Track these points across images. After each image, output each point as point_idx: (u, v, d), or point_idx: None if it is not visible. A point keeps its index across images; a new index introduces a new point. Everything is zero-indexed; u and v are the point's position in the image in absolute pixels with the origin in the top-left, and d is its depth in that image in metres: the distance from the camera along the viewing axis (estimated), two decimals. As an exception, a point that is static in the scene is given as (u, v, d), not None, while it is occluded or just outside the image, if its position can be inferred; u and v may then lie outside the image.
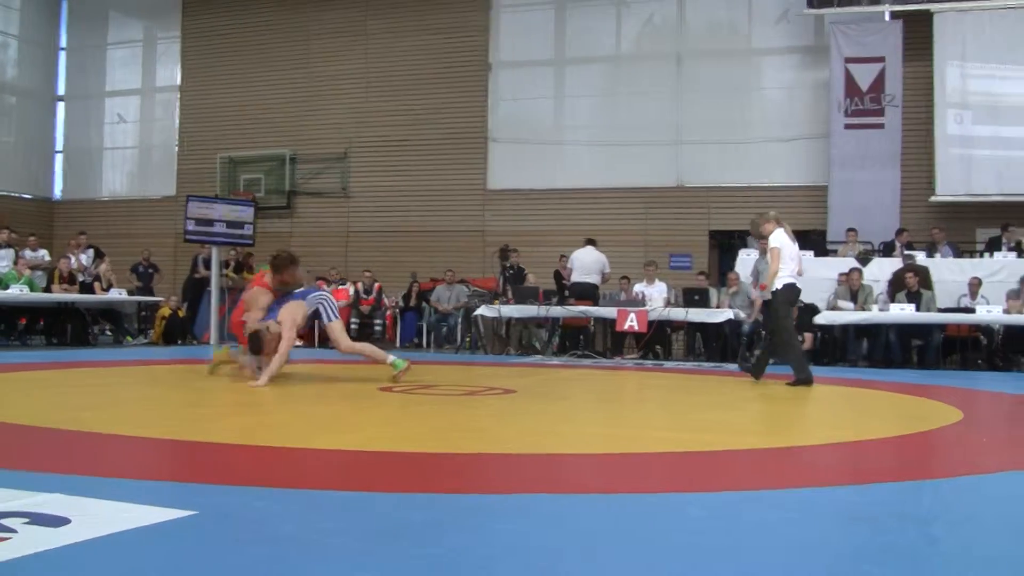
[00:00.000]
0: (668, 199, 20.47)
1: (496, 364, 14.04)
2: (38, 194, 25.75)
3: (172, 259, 23.04)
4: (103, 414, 6.78)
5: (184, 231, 18.54)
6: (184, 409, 7.35)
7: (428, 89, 22.27)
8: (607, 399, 9.36)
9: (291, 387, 9.13)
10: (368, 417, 6.93)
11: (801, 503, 4.03)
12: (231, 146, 23.78)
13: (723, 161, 20.18)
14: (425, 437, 5.85)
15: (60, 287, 16.73)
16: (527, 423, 6.75)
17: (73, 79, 26.16)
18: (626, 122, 20.83)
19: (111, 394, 8.55)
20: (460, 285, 19.00)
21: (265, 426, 6.39)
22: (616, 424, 6.98)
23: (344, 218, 22.98)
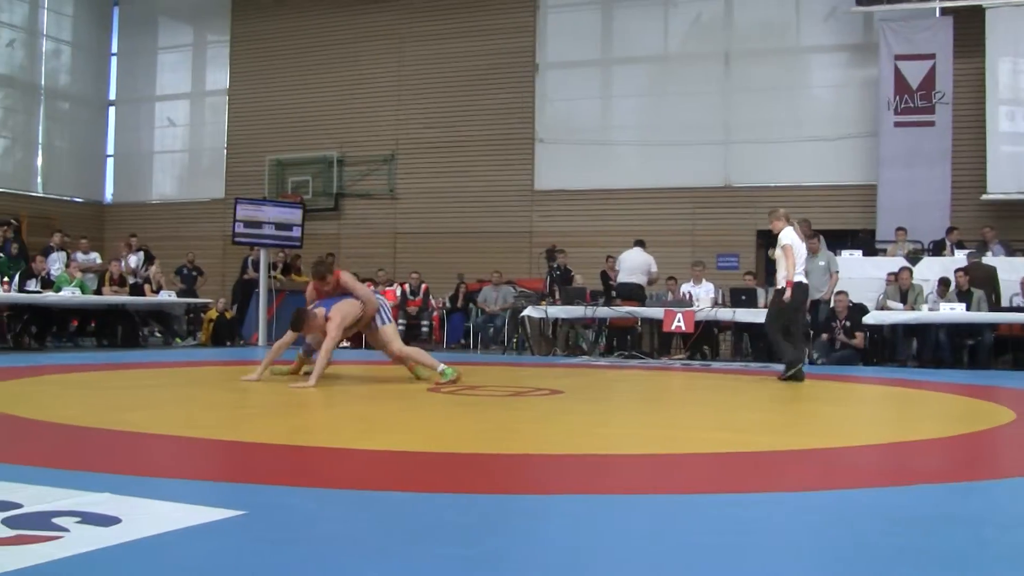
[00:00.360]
0: (715, 199, 20.38)
1: (543, 365, 14.04)
2: (89, 198, 26.06)
3: (220, 261, 23.23)
4: (152, 414, 6.86)
5: (232, 233, 18.70)
6: (232, 410, 7.41)
7: (475, 90, 22.32)
8: (653, 400, 9.34)
9: (339, 388, 9.19)
10: (415, 418, 6.97)
11: (846, 504, 4.00)
12: (279, 149, 23.95)
13: (771, 161, 20.07)
14: (471, 438, 5.88)
15: (111, 289, 16.94)
16: (573, 424, 6.76)
17: (124, 84, 26.46)
18: (673, 122, 20.77)
19: (160, 395, 8.64)
20: (507, 286, 19.01)
21: (313, 427, 6.44)
22: (662, 425, 6.97)
23: (391, 219, 23.07)
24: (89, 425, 5.91)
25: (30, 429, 5.84)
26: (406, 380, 9.96)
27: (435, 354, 11.32)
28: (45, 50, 24.99)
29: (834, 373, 12.91)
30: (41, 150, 24.86)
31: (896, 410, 8.83)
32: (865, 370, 14.07)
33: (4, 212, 21.89)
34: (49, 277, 16.20)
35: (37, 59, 24.79)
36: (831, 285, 15.77)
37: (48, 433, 5.68)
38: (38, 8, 24.74)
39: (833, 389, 10.56)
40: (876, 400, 9.95)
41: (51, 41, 25.14)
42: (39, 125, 24.79)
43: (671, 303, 16.14)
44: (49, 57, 25.12)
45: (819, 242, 16.26)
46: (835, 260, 16.13)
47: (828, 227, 18.32)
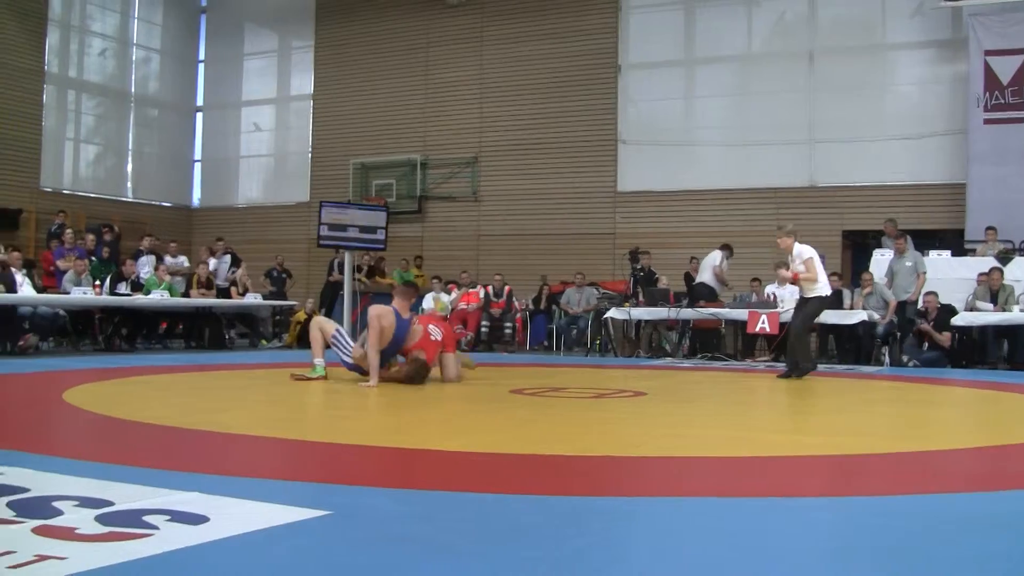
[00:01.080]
0: (800, 199, 20.14)
1: (626, 367, 13.99)
2: (177, 202, 26.49)
3: (305, 264, 23.47)
4: (239, 415, 6.96)
5: (317, 236, 18.89)
6: (318, 411, 7.50)
7: (557, 92, 22.30)
8: (738, 402, 9.27)
9: (423, 390, 9.24)
10: (499, 420, 6.98)
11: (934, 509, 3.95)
12: (363, 152, 24.15)
13: (856, 160, 19.77)
14: (554, 440, 5.88)
15: (198, 292, 17.21)
16: (656, 426, 6.74)
17: (211, 90, 26.88)
18: (757, 122, 20.57)
19: (247, 396, 8.76)
20: (590, 288, 18.97)
21: (397, 428, 6.49)
22: (746, 427, 6.92)
23: (474, 222, 23.15)
24: (179, 426, 6.01)
25: (122, 429, 5.95)
26: (491, 382, 10.00)
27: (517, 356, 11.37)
28: (135, 58, 25.47)
29: (922, 375, 12.71)
30: (131, 156, 25.33)
31: (987, 413, 8.66)
32: (954, 372, 13.83)
33: (97, 217, 22.40)
34: (139, 280, 16.49)
35: (127, 67, 25.28)
36: (919, 286, 15.53)
37: (139, 433, 5.79)
38: (129, 18, 25.22)
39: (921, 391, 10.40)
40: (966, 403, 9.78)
41: (141, 49, 25.61)
42: (129, 132, 25.26)
43: (755, 304, 15.99)
44: (139, 65, 25.60)
45: (905, 242, 16.02)
46: (922, 260, 15.88)
47: (914, 227, 18.04)
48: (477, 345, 18.02)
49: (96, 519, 3.31)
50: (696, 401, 9.00)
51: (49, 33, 23.24)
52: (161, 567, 2.82)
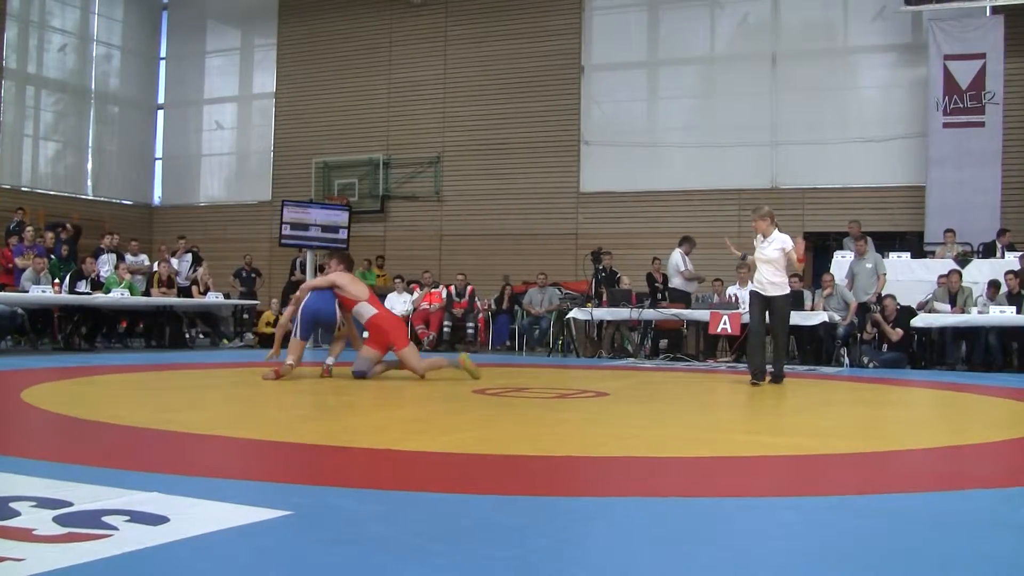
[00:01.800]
0: (762, 201, 20.21)
1: (588, 367, 14.01)
2: (138, 200, 26.29)
3: (267, 263, 23.36)
4: (200, 415, 6.92)
5: (279, 235, 18.82)
6: (279, 411, 7.46)
7: (520, 92, 22.31)
8: (700, 402, 9.30)
9: (383, 389, 9.23)
10: (461, 420, 6.97)
11: (896, 509, 3.97)
12: (325, 151, 24.07)
13: (818, 162, 19.90)
14: (517, 440, 5.88)
15: (159, 291, 17.08)
16: (619, 426, 6.75)
17: (172, 87, 26.68)
18: (720, 123, 20.66)
19: (208, 396, 8.72)
20: (553, 288, 18.99)
21: (359, 428, 6.47)
22: (709, 427, 6.94)
23: (437, 221, 23.12)
24: (138, 425, 5.97)
25: (81, 429, 5.90)
26: (453, 381, 9.99)
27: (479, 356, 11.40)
28: (96, 54, 25.24)
29: (882, 376, 12.80)
30: (91, 153, 25.11)
31: (946, 414, 8.73)
32: (913, 373, 13.95)
33: (56, 215, 22.17)
34: (99, 279, 16.36)
35: (88, 63, 25.05)
36: (879, 287, 15.65)
37: (99, 433, 5.74)
38: (89, 13, 25.00)
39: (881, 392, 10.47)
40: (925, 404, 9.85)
41: (101, 46, 25.39)
42: (89, 129, 25.04)
43: (717, 305, 16.05)
44: (99, 61, 25.38)
45: (867, 244, 16.14)
46: (882, 262, 16.01)
47: (876, 228, 18.18)
48: (439, 345, 18.02)
49: (54, 520, 3.27)
50: (659, 402, 9.02)
51: (8, 28, 23.01)
52: (121, 568, 2.79)
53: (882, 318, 15.11)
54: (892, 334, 14.96)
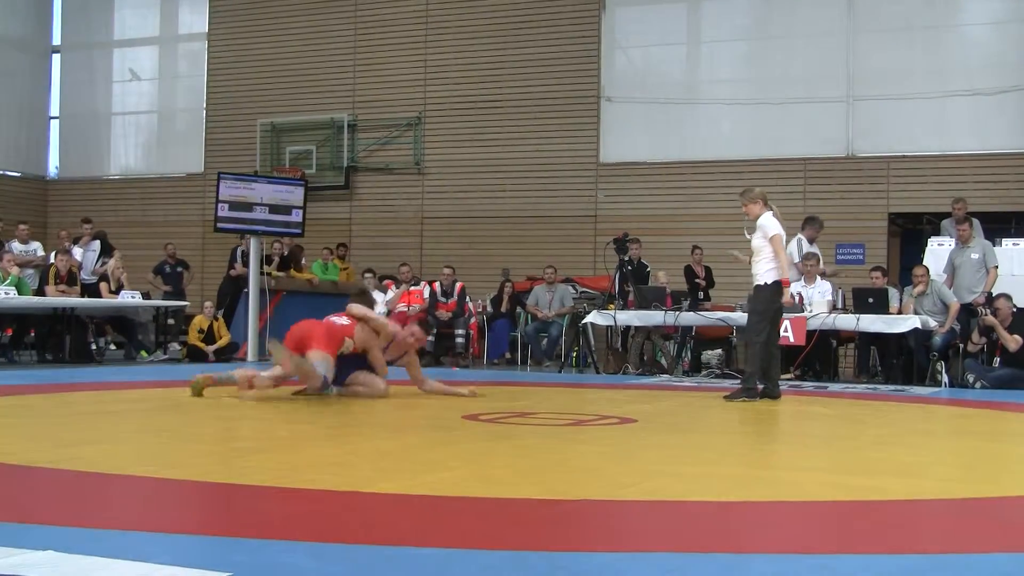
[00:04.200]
0: (835, 173, 20.25)
1: (610, 386, 14.02)
2: (28, 172, 26.27)
3: (200, 253, 23.40)
4: (110, 449, 6.92)
5: (215, 218, 18.82)
6: (217, 444, 7.47)
7: (523, 35, 22.29)
8: (752, 432, 9.31)
9: (347, 416, 9.24)
10: (447, 453, 6.98)
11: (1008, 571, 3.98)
12: (273, 110, 24.06)
13: (908, 123, 19.88)
14: (518, 479, 5.89)
15: (56, 289, 17.01)
16: (649, 462, 6.76)
17: (72, 25, 26.61)
18: (780, 74, 20.65)
19: (121, 424, 8.70)
20: (564, 285, 19.02)
21: (315, 465, 6.47)
22: (763, 464, 6.95)
23: (417, 200, 23.12)
24: (27, 463, 5.96)
25: (-45, 467, 5.90)
26: (438, 405, 10.00)
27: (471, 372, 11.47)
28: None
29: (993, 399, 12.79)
30: (-37, 111, 25.10)
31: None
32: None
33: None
34: (-24, 274, 16.36)
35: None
36: (988, 284, 15.61)
37: (-22, 472, 5.75)
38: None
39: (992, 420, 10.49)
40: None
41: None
42: (-41, 78, 25.01)
43: (777, 308, 16.05)
44: (-29, -10, 25.29)
45: (971, 228, 16.08)
46: (993, 252, 15.95)
47: (985, 208, 18.18)
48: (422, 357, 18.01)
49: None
50: (700, 431, 9.02)
51: None
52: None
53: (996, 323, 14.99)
54: (1010, 341, 14.79)
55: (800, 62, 20.53)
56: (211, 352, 17.66)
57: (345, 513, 4.85)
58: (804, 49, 20.57)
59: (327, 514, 4.83)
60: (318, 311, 10.97)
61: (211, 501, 5.17)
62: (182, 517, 4.88)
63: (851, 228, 20.03)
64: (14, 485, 5.44)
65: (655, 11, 21.71)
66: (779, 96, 20.52)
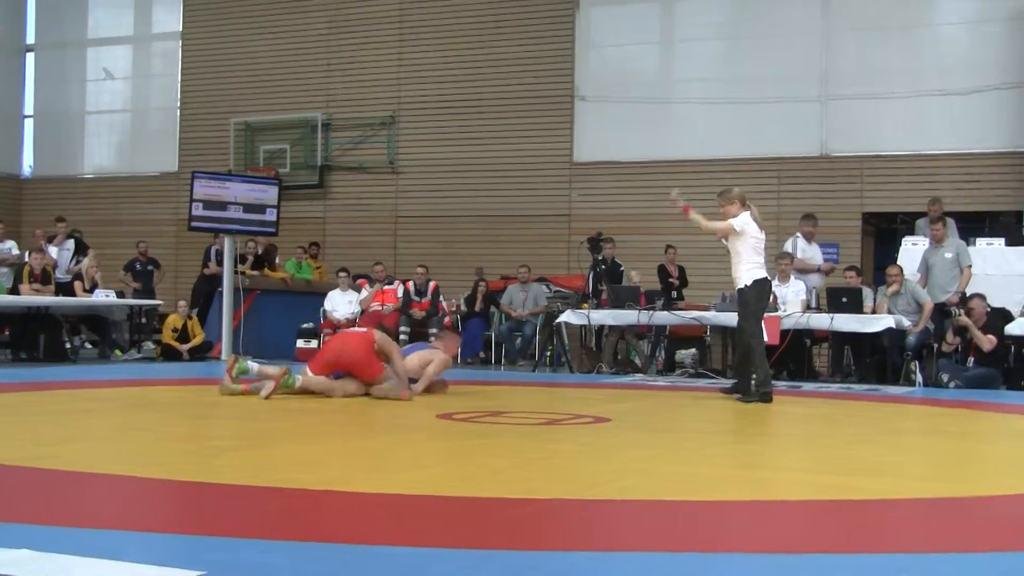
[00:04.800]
0: (809, 172, 20.28)
1: (585, 385, 14.04)
2: (2, 171, 26.22)
3: (174, 252, 23.34)
4: (86, 448, 6.89)
5: (189, 217, 18.76)
6: (191, 442, 7.44)
7: (497, 34, 22.29)
8: (728, 431, 9.33)
9: (321, 414, 9.22)
10: (421, 452, 6.99)
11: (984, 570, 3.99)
12: (247, 109, 24.02)
13: (882, 122, 19.92)
14: (493, 478, 5.89)
15: (30, 288, 16.96)
16: (624, 461, 6.75)
17: (46, 24, 26.54)
18: (754, 73, 20.66)
19: (97, 423, 8.67)
20: (538, 284, 19.01)
21: (290, 463, 6.46)
22: (739, 463, 6.95)
23: (391, 199, 23.10)
24: (2, 462, 5.94)
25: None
26: (411, 405, 10.00)
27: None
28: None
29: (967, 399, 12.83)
30: (-64, 109, 24.98)
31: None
32: (1009, 395, 13.96)
33: None
34: (-50, 273, 16.29)
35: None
36: (962, 283, 15.63)
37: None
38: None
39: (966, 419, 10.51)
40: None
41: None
42: (-68, 77, 24.88)
43: (751, 307, 16.06)
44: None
45: (946, 228, 16.10)
46: (967, 251, 15.96)
47: (960, 208, 18.24)
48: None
49: None
50: (674, 430, 9.02)
51: None
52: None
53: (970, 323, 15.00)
54: (984, 341, 14.79)
55: (774, 61, 20.56)
56: (185, 351, 17.64)
57: (320, 512, 4.84)
58: (778, 48, 20.60)
59: (302, 513, 4.81)
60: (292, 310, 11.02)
61: (186, 500, 5.15)
62: (157, 516, 4.87)
63: (825, 227, 19.92)
64: (-13, 484, 5.42)
65: (629, 10, 21.72)
66: (753, 95, 20.54)
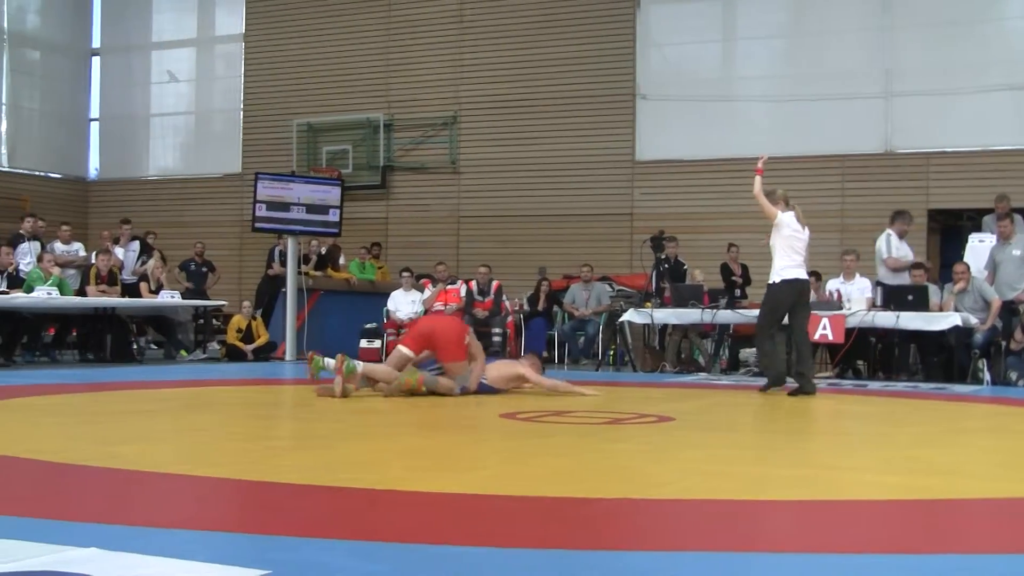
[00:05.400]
0: (873, 169, 20.13)
1: (647, 384, 14.03)
2: (69, 173, 26.40)
3: (237, 253, 23.47)
4: (151, 448, 6.93)
5: (252, 218, 18.85)
6: (254, 442, 7.47)
7: (557, 33, 22.25)
8: (792, 431, 9.27)
9: (382, 415, 9.24)
10: (485, 452, 7.00)
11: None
12: (310, 110, 24.10)
13: (948, 118, 19.74)
14: (555, 478, 5.87)
15: (97, 289, 17.05)
16: (687, 460, 6.73)
17: (111, 28, 26.72)
18: (817, 70, 20.54)
19: (163, 423, 8.74)
20: (601, 283, 18.97)
21: (351, 463, 6.46)
22: (804, 463, 6.90)
23: (453, 199, 23.12)
24: (69, 461, 5.98)
25: (-4, 466, 5.93)
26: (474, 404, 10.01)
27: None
28: (8, -17, 25.23)
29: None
30: (6, 113, 25.18)
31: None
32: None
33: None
34: (18, 274, 16.37)
35: (-3, -5, 25.02)
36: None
37: (17, 472, 5.76)
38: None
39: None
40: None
41: (16, -28, 25.37)
42: (2, 81, 25.05)
43: (815, 304, 15.97)
44: (14, -8, 25.38)
45: (1013, 224, 15.93)
46: (1035, 248, 15.83)
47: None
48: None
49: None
50: (737, 429, 9.00)
51: None
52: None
53: None
54: None
55: (837, 58, 20.43)
56: (249, 351, 17.74)
57: (382, 511, 4.84)
58: (841, 45, 20.47)
59: (364, 512, 4.82)
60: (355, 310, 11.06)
61: (249, 499, 5.18)
62: (220, 515, 4.88)
63: (889, 225, 19.90)
64: (59, 483, 5.46)
65: (690, 8, 21.65)
66: (816, 92, 20.41)
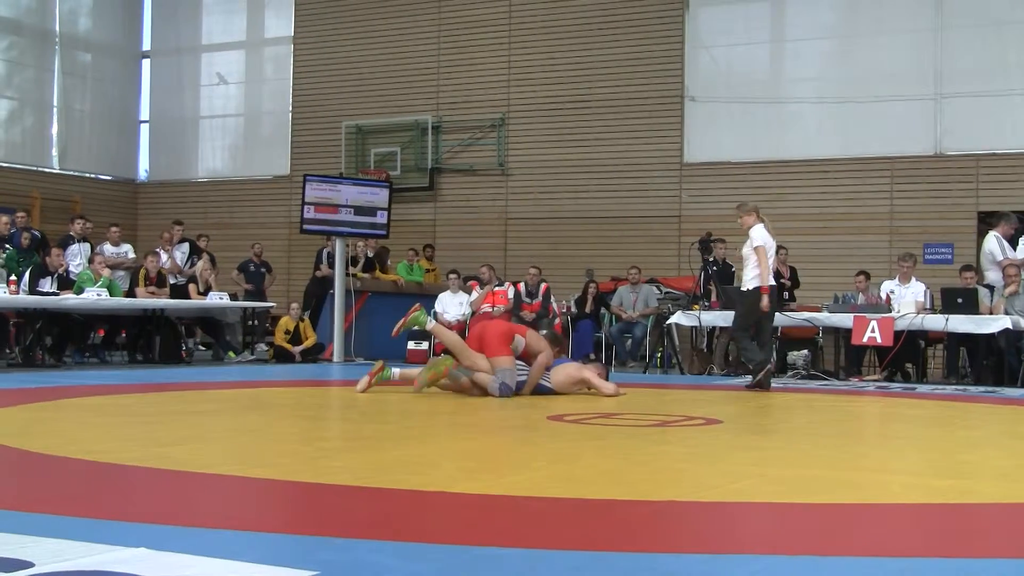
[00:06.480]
0: (923, 171, 20.00)
1: (696, 387, 14.02)
2: (119, 175, 26.53)
3: (286, 255, 23.54)
4: (200, 448, 6.97)
5: (301, 219, 18.91)
6: (303, 443, 7.49)
7: (606, 35, 22.22)
8: (839, 433, 9.24)
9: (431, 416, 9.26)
10: (532, 453, 6.98)
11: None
12: (359, 112, 24.15)
13: (998, 119, 19.58)
14: (603, 480, 5.87)
15: (146, 290, 17.14)
16: (734, 463, 6.71)
17: (161, 31, 26.84)
18: (867, 72, 20.42)
19: (209, 424, 8.79)
20: (649, 285, 18.94)
21: (401, 465, 6.48)
22: (851, 466, 6.87)
23: (501, 201, 23.12)
24: (119, 462, 6.01)
25: (45, 467, 5.95)
26: (522, 406, 10.00)
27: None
28: (61, -12, 25.35)
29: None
30: (57, 115, 25.27)
31: None
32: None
33: (11, 193, 22.35)
34: (68, 275, 16.46)
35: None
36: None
37: (68, 472, 5.80)
38: (51, -66, 25.10)
39: None
40: None
41: (68, -24, 25.50)
42: (54, 83, 25.16)
43: (863, 307, 15.91)
44: (67, -4, 25.52)
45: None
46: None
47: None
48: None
49: (11, 585, 3.29)
50: (787, 432, 8.97)
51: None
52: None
53: None
54: None
55: (886, 59, 20.30)
56: (297, 353, 17.81)
57: (430, 512, 4.85)
58: (890, 46, 20.34)
59: (413, 513, 4.83)
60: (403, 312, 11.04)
61: (298, 500, 5.19)
62: (269, 516, 4.91)
63: (939, 227, 19.78)
64: (105, 483, 5.49)
65: (739, 10, 21.56)
66: (865, 94, 20.29)
